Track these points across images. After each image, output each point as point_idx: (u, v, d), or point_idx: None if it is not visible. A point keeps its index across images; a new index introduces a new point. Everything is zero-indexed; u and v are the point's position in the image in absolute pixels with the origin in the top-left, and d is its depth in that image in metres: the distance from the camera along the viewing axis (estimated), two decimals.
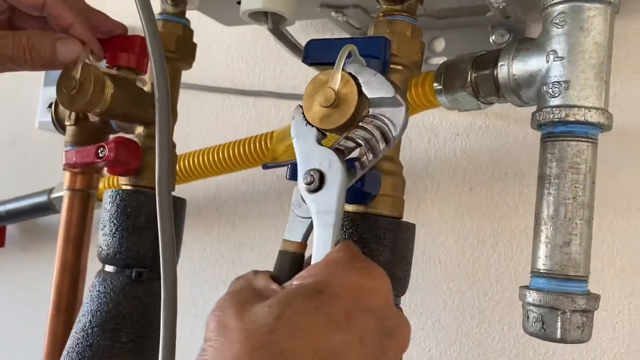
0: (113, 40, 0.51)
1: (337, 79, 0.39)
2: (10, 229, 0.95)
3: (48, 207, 0.79)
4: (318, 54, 0.45)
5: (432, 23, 0.64)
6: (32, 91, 0.95)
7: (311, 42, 0.45)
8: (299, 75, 0.77)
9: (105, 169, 0.53)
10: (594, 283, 0.42)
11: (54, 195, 0.78)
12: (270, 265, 0.77)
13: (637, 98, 0.58)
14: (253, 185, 0.78)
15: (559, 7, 0.40)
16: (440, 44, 0.67)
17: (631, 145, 0.57)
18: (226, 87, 0.80)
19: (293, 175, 0.45)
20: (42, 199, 0.79)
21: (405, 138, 0.68)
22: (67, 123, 0.60)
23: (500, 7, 0.57)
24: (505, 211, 0.63)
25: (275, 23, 0.46)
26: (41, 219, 0.89)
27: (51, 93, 0.92)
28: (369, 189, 0.43)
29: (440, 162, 0.66)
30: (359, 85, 0.38)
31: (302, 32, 0.75)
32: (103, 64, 0.52)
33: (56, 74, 0.95)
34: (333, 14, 0.64)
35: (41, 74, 0.93)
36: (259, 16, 0.46)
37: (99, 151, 0.50)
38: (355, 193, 0.43)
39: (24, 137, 0.98)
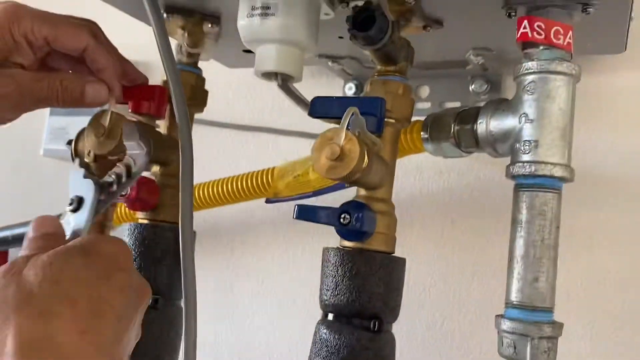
0: (135, 88, 0.57)
1: (341, 136, 0.45)
2: (13, 253, 0.98)
3: None
4: (322, 109, 0.51)
5: (418, 73, 0.71)
6: (37, 119, 1.00)
7: (316, 99, 0.51)
8: (295, 114, 0.83)
9: (125, 205, 0.58)
10: (559, 311, 0.48)
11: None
12: (266, 291, 0.82)
13: (597, 145, 0.65)
14: (251, 214, 0.83)
15: (530, 77, 0.47)
16: (425, 91, 0.74)
17: (593, 187, 0.65)
18: (227, 122, 0.86)
19: (299, 215, 0.51)
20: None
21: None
22: (85, 160, 0.65)
23: (479, 62, 0.65)
24: (483, 244, 0.69)
25: (284, 81, 0.52)
26: None
27: (56, 122, 0.98)
28: (367, 228, 0.49)
29: (425, 198, 0.73)
30: (360, 142, 0.45)
31: None
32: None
33: None
34: (330, 63, 0.71)
35: None
36: (270, 75, 0.52)
37: None
38: (355, 232, 0.49)
39: (27, 164, 1.02)
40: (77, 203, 0.44)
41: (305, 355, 0.50)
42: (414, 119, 0.58)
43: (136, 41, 0.95)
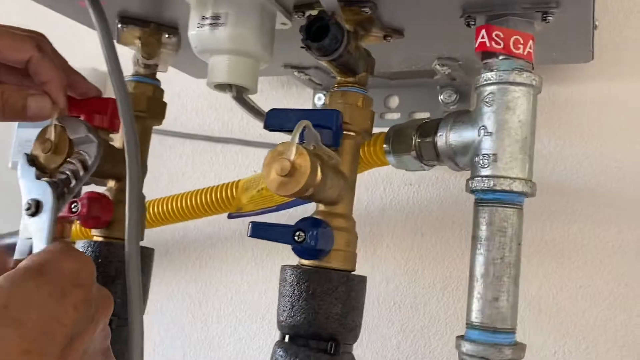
0: (87, 101, 0.55)
1: (292, 150, 0.43)
2: None
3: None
4: (277, 122, 0.49)
5: (387, 83, 0.70)
6: (5, 131, 0.98)
7: (272, 112, 0.49)
8: None
9: (78, 222, 0.56)
10: (532, 325, 0.46)
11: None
12: (235, 307, 0.80)
13: (568, 156, 0.64)
14: (219, 228, 0.81)
15: (489, 88, 0.46)
16: (394, 101, 0.73)
17: (565, 199, 0.63)
18: (195, 134, 0.85)
19: (254, 233, 0.49)
20: (13, 240, 0.81)
21: (363, 186, 0.73)
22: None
23: (446, 72, 0.63)
24: (453, 257, 0.68)
25: (239, 93, 0.50)
26: None
27: (25, 134, 0.95)
28: (322, 246, 0.47)
29: (395, 209, 0.71)
30: (312, 156, 0.43)
31: (268, 84, 0.80)
32: None
33: None
34: (296, 73, 0.69)
35: None
36: (223, 86, 0.50)
37: (72, 206, 0.54)
38: (310, 250, 0.48)
39: None
40: (35, 207, 0.44)
41: None
42: (383, 130, 0.57)
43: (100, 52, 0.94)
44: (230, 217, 0.64)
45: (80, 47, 0.95)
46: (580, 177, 0.63)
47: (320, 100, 0.76)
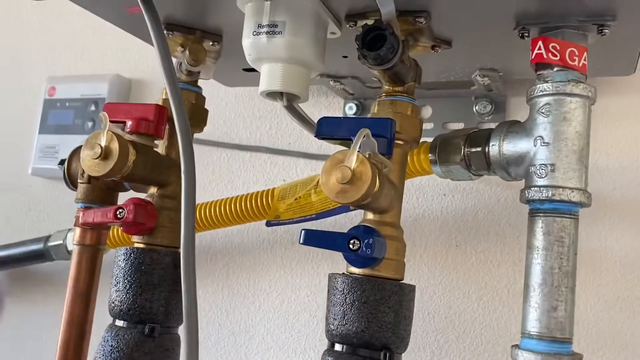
0: (133, 107, 0.55)
1: (353, 159, 0.43)
2: None
3: (43, 255, 0.81)
4: (329, 130, 0.49)
5: (420, 93, 0.70)
6: (26, 137, 0.97)
7: (323, 120, 0.49)
8: (294, 133, 0.81)
9: (121, 228, 0.56)
10: None
11: (51, 243, 0.80)
12: (263, 316, 0.80)
13: (605, 168, 0.64)
14: (247, 236, 0.81)
15: (545, 99, 0.46)
16: (427, 111, 0.73)
17: (602, 210, 0.64)
18: (223, 142, 0.84)
19: (306, 240, 0.49)
20: (38, 246, 0.81)
21: None
22: (79, 181, 0.62)
23: (485, 83, 0.64)
24: (489, 268, 0.68)
25: (290, 101, 0.51)
26: (31, 267, 0.90)
27: (45, 140, 0.95)
28: (377, 254, 0.47)
29: (428, 220, 0.71)
30: (372, 164, 0.43)
31: None
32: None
33: (52, 120, 0.97)
34: (331, 82, 0.69)
35: (36, 122, 0.96)
36: (275, 95, 0.50)
37: (118, 212, 0.53)
38: (364, 258, 0.47)
39: (15, 183, 0.99)
40: None
41: None
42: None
43: (130, 59, 0.94)
44: (268, 225, 0.64)
45: (104, 53, 0.95)
46: (617, 189, 0.64)
47: (351, 109, 0.76)
